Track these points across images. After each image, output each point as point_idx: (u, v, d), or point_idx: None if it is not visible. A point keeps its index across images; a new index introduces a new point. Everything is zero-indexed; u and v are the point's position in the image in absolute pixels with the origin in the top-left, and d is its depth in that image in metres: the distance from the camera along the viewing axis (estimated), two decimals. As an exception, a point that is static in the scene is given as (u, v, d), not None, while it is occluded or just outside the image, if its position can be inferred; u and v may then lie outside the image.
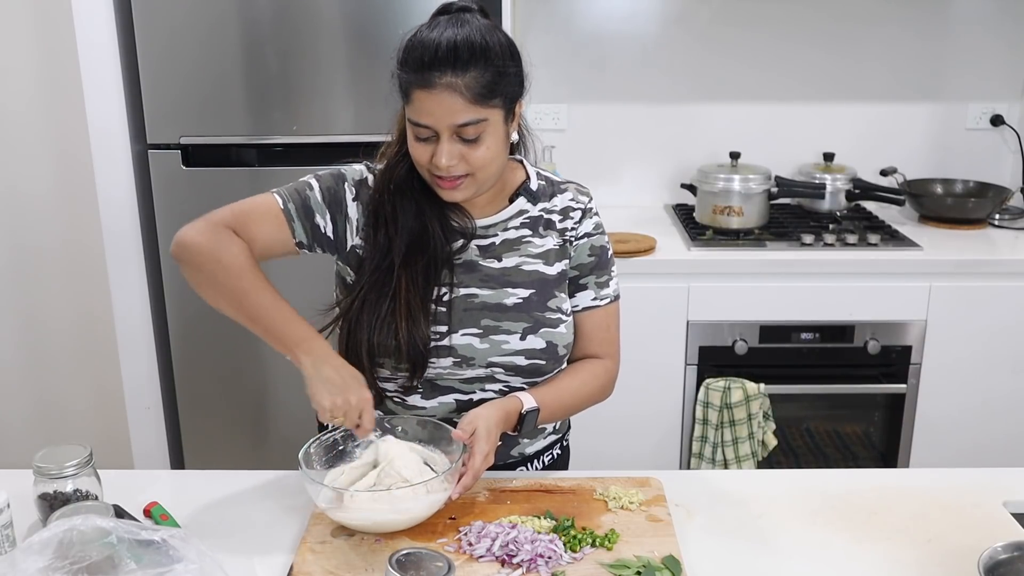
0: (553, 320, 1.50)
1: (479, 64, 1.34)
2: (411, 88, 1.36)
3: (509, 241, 1.51)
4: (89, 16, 2.37)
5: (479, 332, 1.47)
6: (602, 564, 1.26)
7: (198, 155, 2.48)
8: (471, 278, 1.49)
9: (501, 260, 1.50)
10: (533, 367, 1.49)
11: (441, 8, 1.42)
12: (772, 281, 2.56)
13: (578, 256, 1.55)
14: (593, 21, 2.97)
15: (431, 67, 1.33)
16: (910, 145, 3.06)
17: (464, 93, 1.33)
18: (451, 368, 1.48)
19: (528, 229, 1.52)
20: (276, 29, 2.39)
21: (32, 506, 1.35)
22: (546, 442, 1.61)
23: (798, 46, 2.98)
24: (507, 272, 1.50)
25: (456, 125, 1.35)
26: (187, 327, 2.59)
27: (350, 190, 1.50)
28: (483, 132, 1.37)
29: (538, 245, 1.52)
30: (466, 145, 1.37)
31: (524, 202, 1.53)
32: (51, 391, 2.98)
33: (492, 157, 1.39)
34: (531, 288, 1.50)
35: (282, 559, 1.30)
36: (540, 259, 1.52)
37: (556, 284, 1.52)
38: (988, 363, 2.59)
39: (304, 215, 1.48)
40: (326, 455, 1.41)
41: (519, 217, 1.52)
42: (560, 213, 1.54)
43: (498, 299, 1.49)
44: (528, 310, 1.49)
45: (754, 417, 2.57)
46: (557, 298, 1.51)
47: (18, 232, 2.85)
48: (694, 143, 3.03)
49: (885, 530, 1.36)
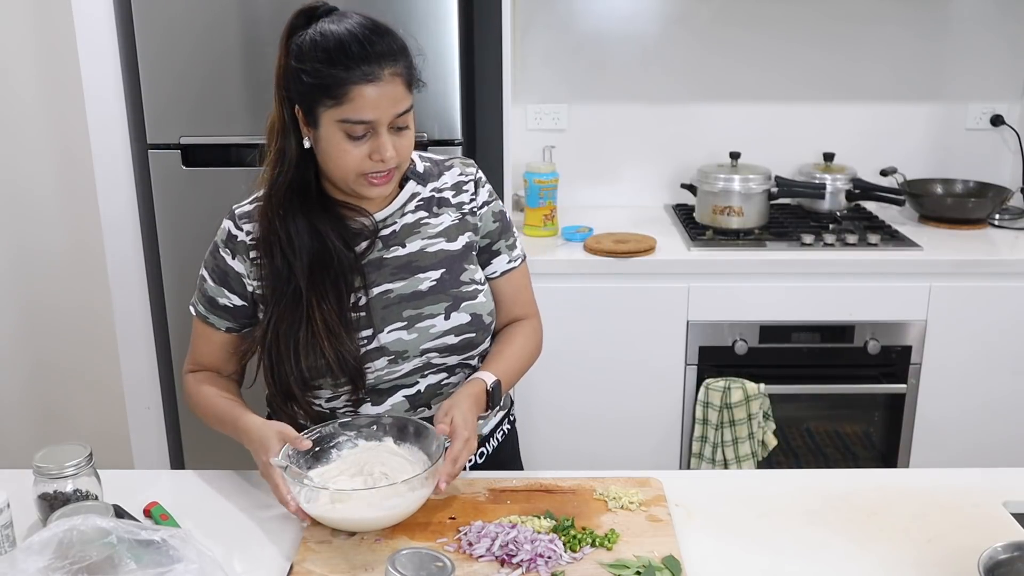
0: (470, 292, 1.52)
1: (403, 52, 1.38)
2: (347, 86, 1.33)
3: (408, 226, 1.52)
4: (89, 16, 2.37)
5: (404, 324, 1.48)
6: (602, 564, 1.26)
7: (198, 155, 2.48)
8: (381, 275, 1.49)
9: (405, 246, 1.51)
10: (465, 342, 1.51)
11: (304, 11, 1.40)
12: (772, 281, 2.56)
13: (485, 225, 1.57)
14: (593, 21, 2.97)
15: (371, 59, 1.33)
16: (910, 145, 3.06)
17: (403, 80, 1.36)
18: (388, 367, 1.48)
19: (423, 211, 1.54)
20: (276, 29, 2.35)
21: (32, 506, 1.35)
22: (496, 419, 1.65)
23: (798, 46, 2.98)
24: (414, 258, 1.51)
25: (396, 115, 1.36)
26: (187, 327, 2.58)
27: (226, 253, 1.52)
28: (410, 120, 1.40)
29: (435, 224, 1.53)
30: (397, 135, 1.39)
31: (414, 185, 1.54)
32: (51, 391, 2.98)
33: (412, 144, 1.43)
34: (440, 267, 1.51)
35: (282, 559, 1.30)
36: (442, 237, 1.53)
37: (463, 257, 1.54)
38: (988, 363, 2.59)
39: (212, 307, 1.54)
40: (304, 456, 1.41)
41: (412, 201, 1.53)
42: (452, 188, 1.56)
43: (413, 287, 1.49)
44: (444, 289, 1.50)
45: (754, 417, 2.57)
46: (468, 270, 1.53)
47: (18, 232, 2.85)
48: (694, 143, 3.03)
49: (885, 530, 1.36)
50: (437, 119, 2.41)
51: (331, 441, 1.45)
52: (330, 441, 1.45)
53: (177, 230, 2.52)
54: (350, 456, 1.42)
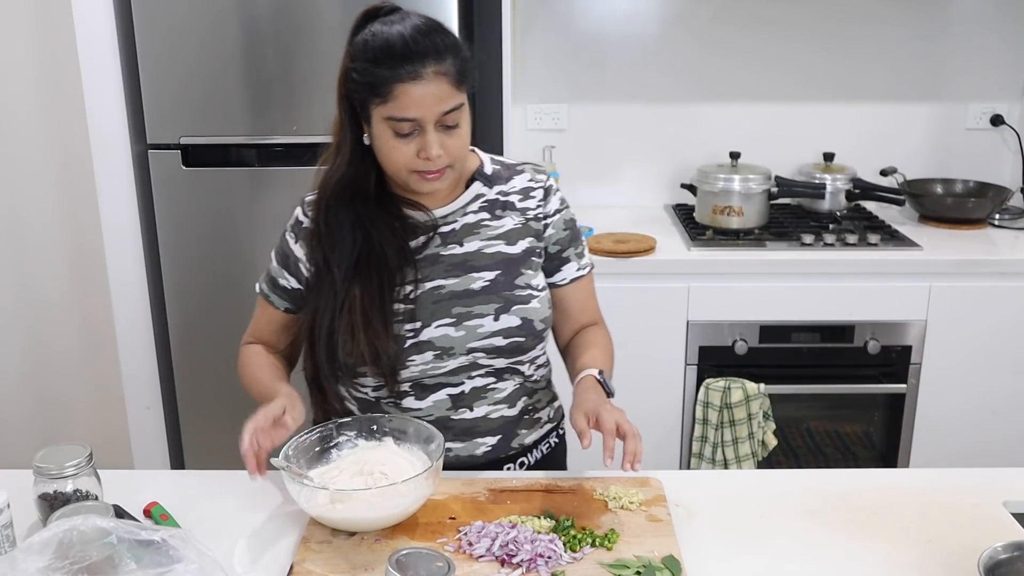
0: (524, 296, 1.51)
1: (452, 50, 1.38)
2: (392, 84, 1.36)
3: (469, 226, 1.53)
4: (89, 16, 2.37)
5: (452, 321, 1.48)
6: (602, 564, 1.26)
7: (198, 155, 2.48)
8: (435, 270, 1.50)
9: (463, 245, 1.52)
10: (513, 345, 1.51)
11: (369, 12, 1.43)
12: (772, 281, 2.56)
13: (555, 232, 1.57)
14: (593, 21, 2.97)
15: (415, 58, 1.35)
16: (910, 145, 3.06)
17: (449, 78, 1.37)
18: (433, 362, 1.49)
19: (486, 212, 1.54)
20: (276, 29, 2.39)
21: (32, 506, 1.35)
22: (543, 431, 1.63)
23: (798, 46, 2.98)
24: (470, 257, 1.52)
25: (442, 113, 1.37)
26: (187, 327, 2.59)
27: (291, 237, 1.56)
28: (460, 118, 1.41)
29: (496, 227, 1.54)
30: (447, 133, 1.40)
31: (480, 186, 1.55)
32: (51, 391, 2.98)
33: (467, 142, 1.45)
34: (496, 269, 1.51)
35: (282, 559, 1.30)
36: (501, 240, 1.53)
37: (522, 262, 1.53)
38: (988, 363, 2.59)
39: (273, 287, 1.59)
40: (304, 457, 1.41)
41: (476, 201, 1.54)
42: (519, 193, 1.56)
43: (465, 285, 1.50)
44: (496, 291, 1.50)
45: (754, 417, 2.56)
46: (525, 275, 1.53)
47: (18, 232, 2.85)
48: (694, 143, 3.03)
49: (885, 530, 1.36)
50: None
51: (331, 441, 1.45)
52: (330, 441, 1.45)
53: (177, 230, 2.52)
54: (350, 456, 1.43)
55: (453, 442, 1.53)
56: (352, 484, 1.35)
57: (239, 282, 2.55)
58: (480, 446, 1.55)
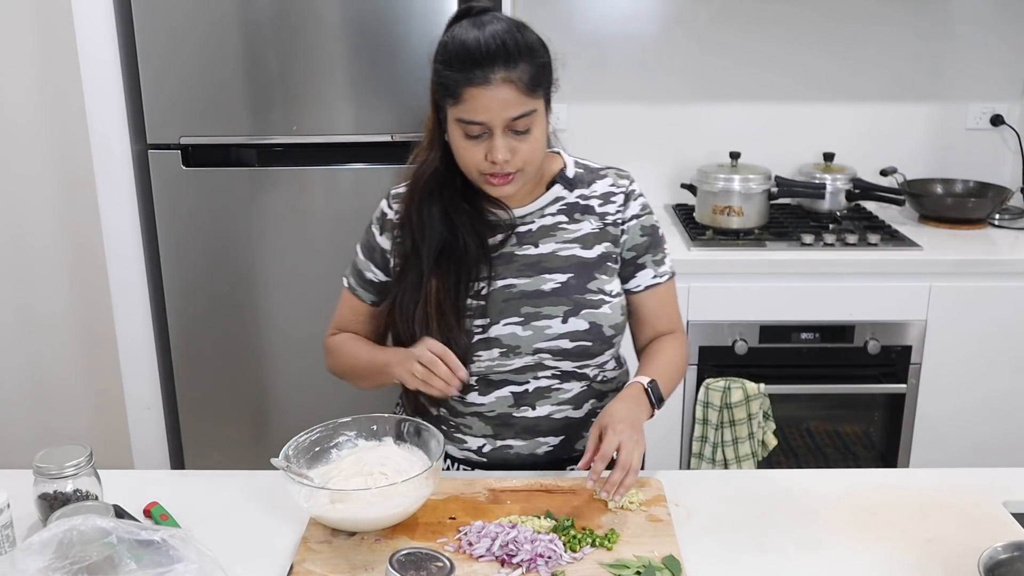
0: (595, 301, 1.52)
1: (525, 57, 1.39)
2: (462, 87, 1.38)
3: (546, 227, 1.54)
4: (89, 16, 2.37)
5: (520, 320, 1.50)
6: (602, 564, 1.26)
7: (198, 155, 2.48)
8: (508, 269, 1.52)
9: (538, 246, 1.53)
10: (579, 349, 1.51)
11: (461, 11, 1.44)
12: (772, 281, 2.56)
13: (631, 238, 1.57)
14: (593, 21, 2.96)
15: (484, 63, 1.36)
16: (910, 145, 3.06)
17: (517, 85, 1.38)
18: (499, 360, 1.50)
19: (564, 215, 1.55)
20: (276, 29, 2.39)
21: (32, 506, 1.35)
22: None
23: (798, 46, 2.98)
24: (544, 258, 1.53)
25: (510, 119, 1.38)
26: (187, 327, 2.59)
27: (376, 230, 1.60)
28: (532, 124, 1.41)
29: (574, 230, 1.54)
30: (517, 138, 1.41)
31: (560, 189, 1.56)
32: (51, 391, 2.98)
33: (539, 148, 1.45)
34: (569, 272, 1.52)
35: (282, 559, 1.30)
36: (577, 243, 1.54)
37: (596, 267, 1.54)
38: (988, 363, 2.59)
39: (361, 281, 1.63)
40: (304, 457, 1.42)
41: (555, 204, 1.56)
42: (600, 198, 1.57)
43: (536, 285, 1.51)
44: (567, 293, 1.51)
45: (754, 417, 2.56)
46: (598, 280, 1.53)
47: (18, 231, 2.85)
48: (694, 143, 3.03)
49: (885, 530, 1.36)
50: (437, 119, 2.41)
51: (331, 441, 1.45)
52: (330, 441, 1.45)
53: (177, 230, 2.52)
54: (350, 456, 1.43)
55: (514, 440, 1.55)
56: (352, 484, 1.35)
57: (239, 282, 2.56)
58: (542, 445, 1.56)
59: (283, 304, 2.56)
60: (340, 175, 2.50)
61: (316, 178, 2.49)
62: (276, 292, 2.55)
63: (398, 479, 1.33)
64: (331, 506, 1.30)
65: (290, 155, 2.49)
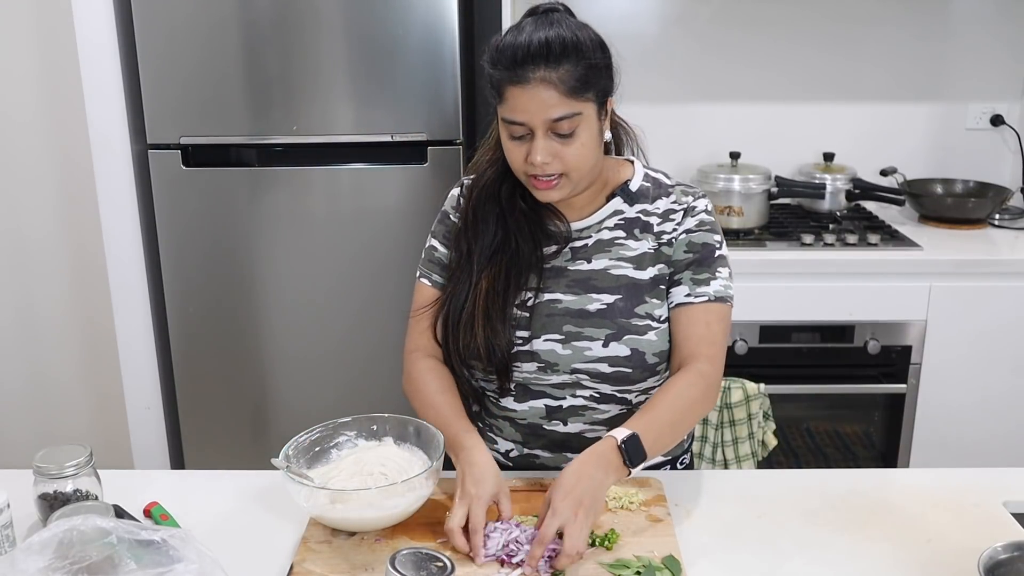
0: (640, 327, 1.46)
1: (571, 58, 1.35)
2: (504, 85, 1.36)
3: (602, 242, 1.50)
4: (89, 16, 2.37)
5: (561, 338, 1.47)
6: (602, 564, 1.26)
7: (198, 155, 2.48)
8: (557, 283, 1.49)
9: (590, 262, 1.49)
10: (619, 375, 1.46)
11: (530, 10, 1.43)
12: (772, 281, 2.56)
13: (675, 252, 1.49)
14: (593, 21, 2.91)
15: (524, 62, 1.34)
16: (910, 145, 3.06)
17: (558, 86, 1.34)
18: (536, 373, 1.48)
19: (622, 231, 1.50)
20: (276, 29, 2.39)
21: (32, 506, 1.35)
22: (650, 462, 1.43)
23: (798, 46, 2.98)
24: (594, 276, 1.48)
25: (551, 120, 1.35)
26: (187, 327, 2.59)
27: (453, 216, 1.56)
28: (577, 127, 1.37)
29: (632, 248, 1.49)
30: (560, 141, 1.37)
31: (620, 202, 1.51)
32: (51, 391, 2.98)
33: (586, 153, 1.39)
34: (617, 293, 1.47)
35: (282, 559, 1.30)
36: (631, 263, 1.49)
37: (648, 289, 1.48)
38: (988, 363, 2.59)
39: (434, 267, 1.57)
40: (304, 456, 1.41)
41: (614, 218, 1.51)
42: (661, 216, 1.50)
43: (581, 304, 1.47)
44: (612, 316, 1.46)
45: (754, 417, 2.56)
46: (648, 304, 1.47)
47: (18, 232, 2.85)
48: (694, 143, 3.02)
49: (885, 530, 1.36)
50: (437, 119, 2.41)
51: (331, 441, 1.45)
52: (330, 441, 1.45)
53: (177, 230, 2.52)
54: (350, 456, 1.42)
55: (542, 451, 1.54)
56: (352, 484, 1.35)
57: (239, 282, 2.56)
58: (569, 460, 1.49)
59: (283, 304, 2.56)
60: (340, 175, 2.49)
61: (316, 178, 2.49)
62: (276, 292, 2.55)
63: (398, 479, 1.33)
64: (331, 506, 1.30)
65: (290, 155, 2.49)
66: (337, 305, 2.56)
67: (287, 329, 2.57)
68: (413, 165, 2.46)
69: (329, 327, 2.56)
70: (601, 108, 1.41)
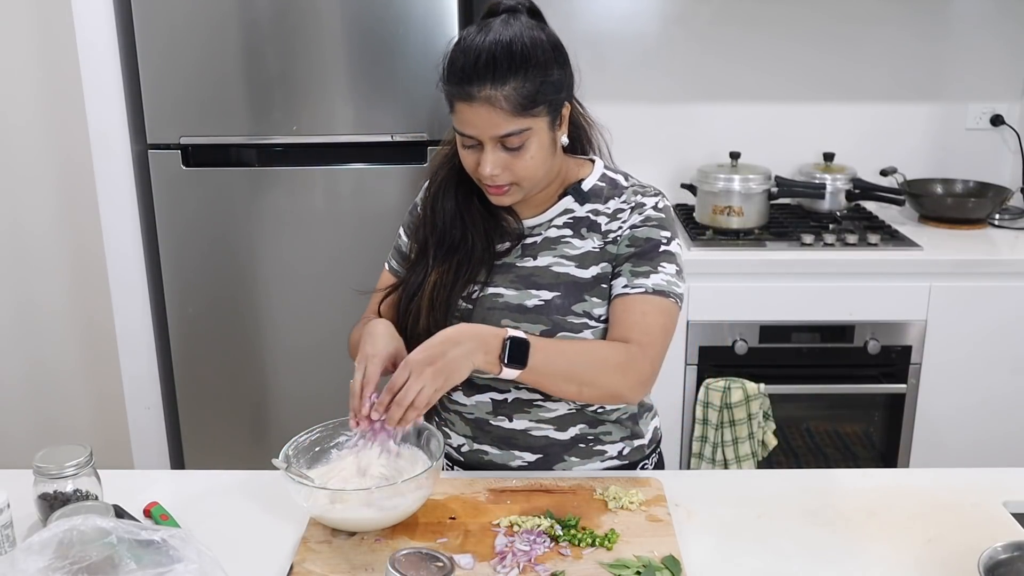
0: (576, 325, 1.46)
1: (519, 74, 1.34)
2: (452, 100, 1.37)
3: (549, 240, 1.51)
4: (89, 16, 2.37)
5: None
6: (602, 564, 1.26)
7: (198, 155, 2.48)
8: (504, 278, 1.50)
9: (536, 259, 1.50)
10: None
11: (488, 8, 1.42)
12: (772, 281, 2.56)
13: (619, 248, 1.48)
14: (593, 21, 2.96)
15: (470, 80, 1.33)
16: (910, 145, 3.06)
17: (504, 105, 1.34)
18: None
19: (570, 229, 1.50)
20: (276, 29, 2.39)
21: (32, 506, 1.35)
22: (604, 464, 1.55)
23: (798, 46, 2.98)
24: (536, 272, 1.49)
25: (498, 136, 1.36)
26: (187, 327, 2.59)
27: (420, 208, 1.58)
28: (527, 140, 1.37)
29: (576, 247, 1.49)
30: (510, 154, 1.38)
31: (571, 201, 1.52)
32: (51, 391, 2.98)
33: (536, 164, 1.40)
34: (556, 290, 1.47)
35: (282, 559, 1.30)
36: (574, 261, 1.48)
37: (589, 288, 1.47)
38: (988, 363, 2.59)
39: (403, 261, 1.60)
40: (304, 457, 1.42)
41: (563, 216, 1.51)
42: (610, 216, 1.50)
43: (520, 300, 1.48)
44: (548, 313, 1.46)
45: (754, 417, 2.56)
46: (587, 302, 1.47)
47: (18, 232, 2.85)
48: (694, 143, 3.03)
49: (885, 530, 1.36)
50: (437, 119, 2.41)
51: (331, 441, 1.45)
52: (330, 441, 1.45)
53: (177, 230, 2.52)
54: (350, 456, 1.42)
55: (489, 447, 1.54)
56: (352, 484, 1.35)
57: (239, 281, 2.56)
58: (516, 459, 1.53)
59: (283, 304, 2.56)
60: (340, 175, 2.50)
61: (316, 178, 2.49)
62: (276, 292, 2.55)
63: (398, 479, 1.33)
64: (331, 506, 1.30)
65: (290, 155, 2.49)
66: (337, 305, 2.55)
67: (287, 329, 2.57)
68: (413, 165, 2.46)
69: (329, 327, 2.56)
70: (554, 118, 1.41)
